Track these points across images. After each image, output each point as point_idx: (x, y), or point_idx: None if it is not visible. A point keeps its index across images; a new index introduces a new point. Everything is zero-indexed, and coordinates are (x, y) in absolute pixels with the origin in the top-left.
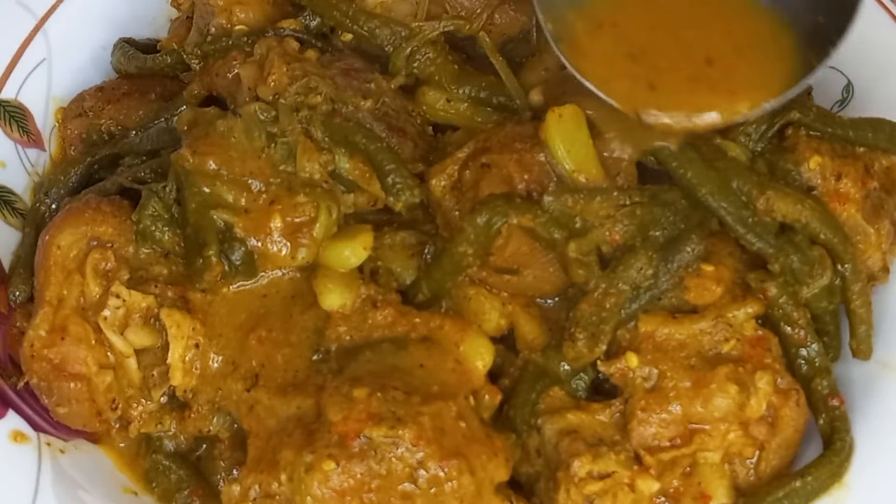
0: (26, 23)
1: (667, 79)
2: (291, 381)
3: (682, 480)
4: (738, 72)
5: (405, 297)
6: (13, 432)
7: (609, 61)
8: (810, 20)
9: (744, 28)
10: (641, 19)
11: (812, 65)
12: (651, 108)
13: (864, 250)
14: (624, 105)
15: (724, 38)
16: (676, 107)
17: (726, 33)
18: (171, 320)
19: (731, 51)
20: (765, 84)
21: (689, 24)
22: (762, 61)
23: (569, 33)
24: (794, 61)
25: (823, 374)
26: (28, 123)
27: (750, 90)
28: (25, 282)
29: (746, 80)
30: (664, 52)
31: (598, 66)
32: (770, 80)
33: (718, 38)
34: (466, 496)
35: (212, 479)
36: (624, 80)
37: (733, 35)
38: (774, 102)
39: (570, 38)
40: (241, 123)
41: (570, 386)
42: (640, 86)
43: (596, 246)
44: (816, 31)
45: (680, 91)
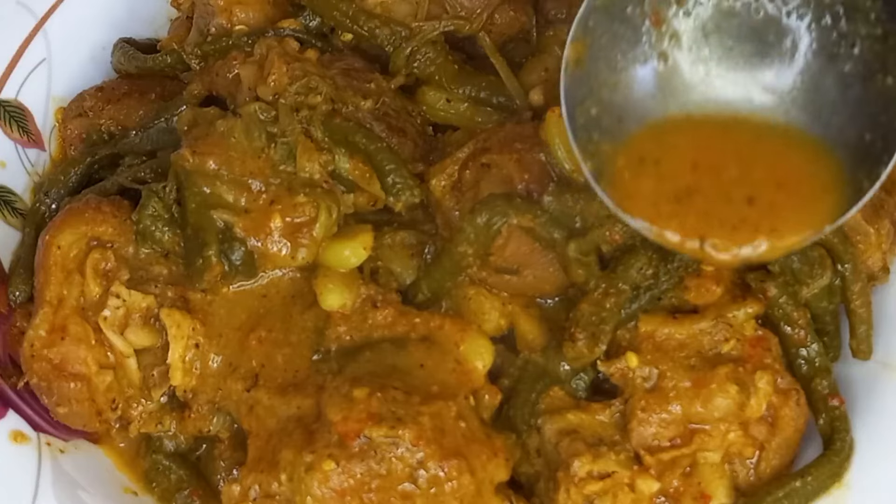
0: (26, 23)
1: (713, 226)
2: (291, 381)
3: (682, 480)
4: (780, 210)
5: (405, 297)
6: (13, 432)
7: (654, 202)
8: (856, 139)
9: (786, 160)
10: (684, 157)
11: (863, 187)
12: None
13: (864, 250)
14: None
15: (765, 173)
16: (725, 248)
17: (768, 168)
18: (171, 320)
19: (772, 188)
20: (809, 219)
21: (730, 161)
22: (805, 195)
23: (609, 170)
24: (840, 189)
25: (823, 374)
26: (28, 123)
27: (793, 227)
28: (25, 282)
29: (789, 218)
30: (708, 195)
31: (645, 207)
32: (814, 213)
33: (760, 174)
34: (466, 496)
35: (212, 479)
36: (671, 223)
37: (775, 169)
38: (824, 231)
39: (611, 176)
40: (241, 123)
41: (570, 386)
42: (688, 234)
43: (596, 246)
44: (865, 151)
45: (726, 237)
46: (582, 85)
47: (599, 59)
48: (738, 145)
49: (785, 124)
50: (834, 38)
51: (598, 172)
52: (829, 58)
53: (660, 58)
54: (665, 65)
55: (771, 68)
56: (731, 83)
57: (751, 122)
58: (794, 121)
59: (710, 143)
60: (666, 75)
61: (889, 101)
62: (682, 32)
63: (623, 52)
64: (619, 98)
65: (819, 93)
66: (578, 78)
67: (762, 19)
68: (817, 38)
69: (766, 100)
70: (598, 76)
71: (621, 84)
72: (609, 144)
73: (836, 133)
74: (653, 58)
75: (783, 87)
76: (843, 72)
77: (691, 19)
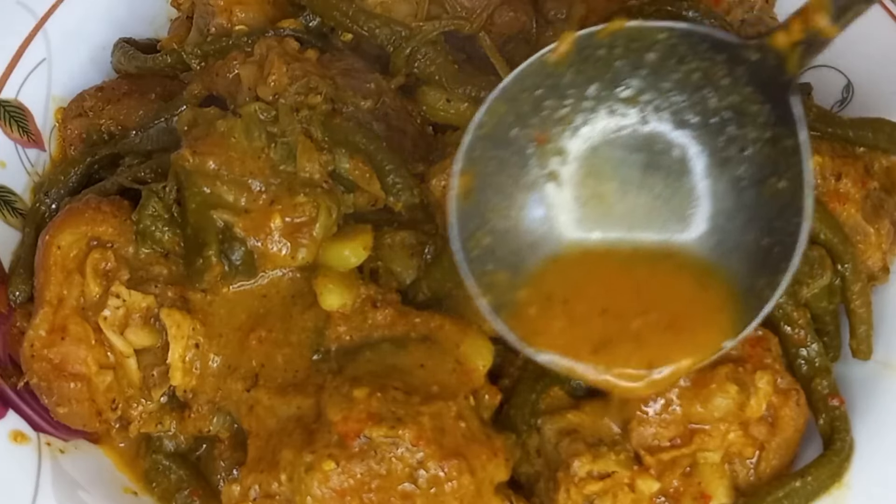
0: (26, 23)
1: (617, 359)
2: (291, 381)
3: (682, 480)
4: (680, 337)
5: (405, 297)
6: (13, 432)
7: (561, 338)
8: (754, 246)
9: (685, 283)
10: (587, 293)
11: (763, 295)
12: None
13: (864, 250)
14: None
15: (665, 300)
16: (632, 379)
17: (668, 294)
18: (171, 320)
19: (672, 315)
20: (709, 340)
21: (630, 291)
22: (703, 317)
23: (510, 300)
24: (742, 301)
25: (823, 374)
26: (28, 123)
27: (694, 350)
28: (25, 282)
29: (689, 344)
30: (610, 330)
31: (551, 342)
32: (714, 333)
33: (660, 302)
34: (466, 496)
35: (212, 479)
36: (578, 357)
37: (674, 295)
38: (725, 347)
39: (514, 307)
40: (241, 123)
41: (570, 386)
42: (596, 366)
43: None
44: (763, 258)
45: (631, 367)
46: (473, 216)
47: (488, 187)
48: (637, 271)
49: (682, 243)
50: (723, 143)
51: (498, 304)
52: (720, 163)
53: (550, 178)
54: (557, 186)
55: (664, 182)
56: (625, 202)
57: (648, 244)
58: (693, 240)
59: (610, 273)
60: (558, 197)
61: (784, 206)
62: (570, 151)
63: (512, 176)
64: (513, 224)
65: (713, 200)
66: (469, 210)
67: (649, 132)
68: (707, 144)
69: (662, 217)
70: (489, 205)
71: (514, 210)
72: (506, 274)
73: (733, 241)
74: (543, 179)
75: (677, 201)
76: (736, 176)
77: (579, 138)
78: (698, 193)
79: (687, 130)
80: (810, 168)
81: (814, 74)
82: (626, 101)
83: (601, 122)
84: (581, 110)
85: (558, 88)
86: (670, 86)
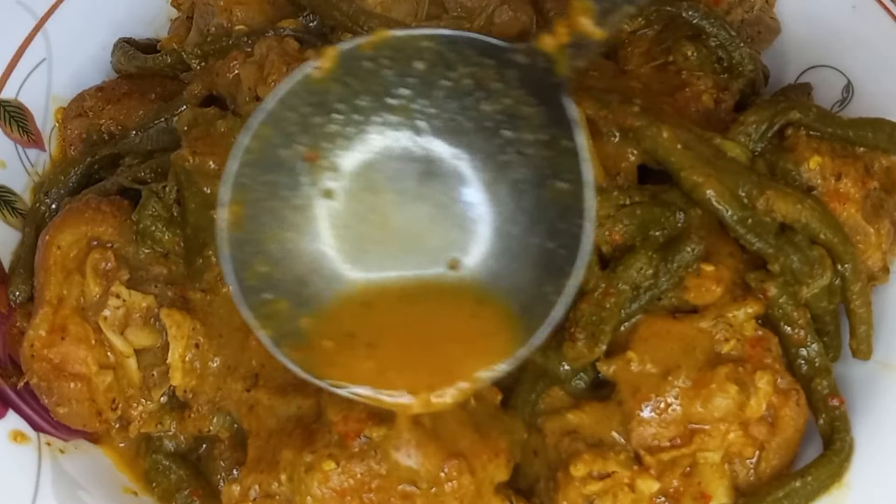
0: (26, 23)
1: (409, 383)
2: (291, 381)
3: (682, 480)
4: (466, 356)
5: None
6: (13, 432)
7: (348, 366)
8: (538, 250)
9: (469, 302)
10: (375, 325)
11: (551, 300)
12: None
13: (864, 250)
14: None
15: (450, 321)
16: (423, 403)
17: (452, 315)
18: (171, 320)
19: (457, 337)
20: (498, 351)
21: (419, 319)
22: (489, 330)
23: (291, 328)
24: (531, 309)
25: (823, 374)
26: (28, 123)
27: (484, 362)
28: (25, 282)
29: (477, 359)
30: (398, 356)
31: (339, 371)
32: (508, 341)
33: (444, 326)
34: (466, 496)
35: (212, 479)
36: (368, 382)
37: (459, 315)
38: (519, 356)
39: (296, 337)
40: (241, 123)
41: (570, 386)
42: (389, 390)
43: (596, 246)
44: (548, 261)
45: (421, 390)
46: (247, 245)
47: (261, 213)
48: (417, 298)
49: (464, 256)
50: (499, 147)
51: (281, 334)
52: (499, 167)
53: (324, 196)
54: (332, 204)
55: (443, 190)
56: (404, 214)
57: (429, 260)
58: (476, 251)
59: (391, 300)
60: (335, 216)
61: (566, 208)
62: (343, 166)
63: (284, 199)
64: (291, 250)
65: (494, 205)
66: (242, 238)
67: (424, 141)
68: (483, 149)
69: (444, 227)
70: (263, 232)
71: (289, 234)
72: (286, 303)
73: (517, 246)
74: (317, 198)
75: (458, 209)
76: (515, 179)
77: (351, 152)
78: (479, 199)
79: (462, 136)
80: (589, 168)
81: (814, 74)
82: (397, 111)
83: (373, 135)
84: (351, 124)
85: (326, 104)
86: (441, 93)
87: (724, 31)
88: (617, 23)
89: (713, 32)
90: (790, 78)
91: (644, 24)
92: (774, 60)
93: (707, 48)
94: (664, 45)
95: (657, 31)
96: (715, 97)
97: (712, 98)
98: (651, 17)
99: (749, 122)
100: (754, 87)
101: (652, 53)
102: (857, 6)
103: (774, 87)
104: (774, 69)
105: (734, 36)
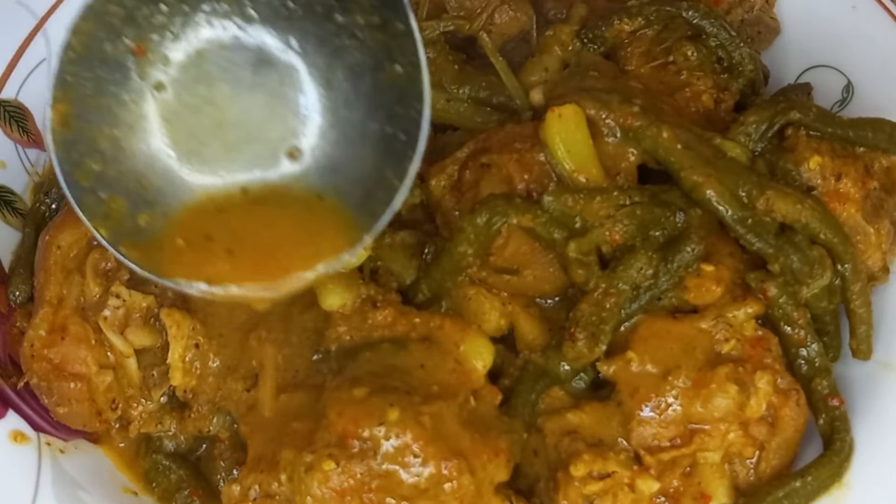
0: (26, 23)
1: (250, 273)
2: (291, 381)
3: (682, 480)
4: (303, 252)
5: (405, 297)
6: (13, 432)
7: (195, 263)
8: (378, 134)
9: (304, 203)
10: (210, 214)
11: (393, 185)
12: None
13: (864, 250)
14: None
15: (289, 213)
16: (269, 289)
17: (292, 205)
18: (171, 320)
19: (297, 228)
20: (344, 237)
21: (256, 212)
22: (330, 221)
23: (130, 226)
24: (375, 192)
25: (823, 374)
26: (28, 123)
27: (331, 249)
28: (25, 282)
29: (314, 255)
30: (240, 253)
31: (184, 268)
32: (348, 230)
33: (283, 218)
34: (466, 496)
35: (212, 479)
36: (211, 277)
37: (298, 206)
38: (365, 241)
39: (135, 233)
40: None
41: (570, 386)
42: (235, 282)
43: (596, 246)
44: (388, 146)
45: (263, 281)
46: (77, 145)
47: (90, 111)
48: (258, 193)
49: (300, 145)
50: (332, 31)
51: (118, 233)
52: (333, 52)
53: (156, 90)
54: (163, 98)
55: (278, 78)
56: (239, 105)
57: (267, 150)
58: (313, 139)
59: (231, 198)
60: (168, 110)
61: (404, 91)
62: (173, 58)
63: (113, 95)
64: (125, 146)
65: (330, 91)
66: (71, 141)
67: (254, 28)
68: (315, 34)
69: (280, 115)
70: (94, 130)
71: (121, 130)
72: (123, 200)
73: (355, 132)
74: (147, 92)
75: (293, 96)
76: (351, 64)
77: (181, 43)
78: (315, 86)
79: (293, 22)
80: (423, 50)
81: (814, 74)
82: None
83: (203, 25)
84: (179, 14)
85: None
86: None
87: (724, 31)
88: None
89: (713, 32)
90: (790, 78)
91: (644, 24)
92: (774, 60)
93: (707, 48)
94: (664, 45)
95: (657, 31)
96: (715, 97)
97: (712, 98)
98: (651, 17)
99: (749, 122)
100: (754, 87)
101: (652, 53)
102: (857, 6)
103: (774, 87)
104: (774, 69)
105: (734, 36)
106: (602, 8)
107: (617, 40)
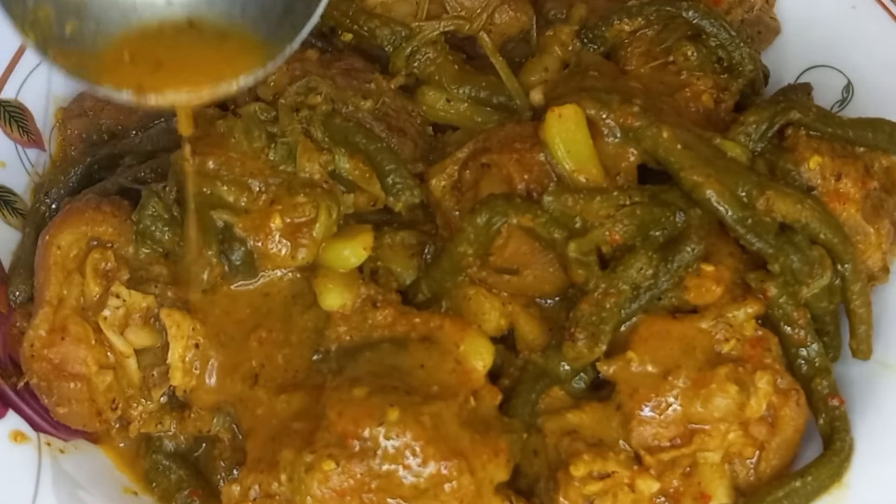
0: None
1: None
2: (291, 381)
3: (682, 480)
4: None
5: (405, 297)
6: (13, 432)
7: (129, 73)
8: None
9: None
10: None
11: (299, 23)
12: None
13: (864, 250)
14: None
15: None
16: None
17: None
18: (171, 320)
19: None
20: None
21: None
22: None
23: (57, 34)
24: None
25: (823, 374)
26: (28, 123)
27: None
28: (25, 282)
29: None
30: (166, 62)
31: (115, 77)
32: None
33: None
34: (466, 496)
35: (212, 479)
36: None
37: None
38: (267, 67)
39: (68, 45)
40: (241, 123)
41: (570, 386)
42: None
43: (596, 246)
44: None
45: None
46: None
47: None
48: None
49: None
50: None
51: (45, 40)
52: None
53: None
54: None
55: None
56: None
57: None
58: None
59: (165, 16)
60: None
61: None
62: None
63: None
64: None
65: None
66: None
67: None
68: None
69: None
70: None
71: None
72: (50, 7)
73: None
74: None
75: None
76: None
77: None
78: None
79: None
80: None
81: (814, 74)
82: None
83: None
84: None
85: None
86: None
87: (724, 31)
88: None
89: (713, 32)
90: (790, 78)
91: (644, 24)
92: (774, 60)
93: (707, 48)
94: (664, 45)
95: (657, 31)
96: (715, 97)
97: (712, 98)
98: (651, 17)
99: (749, 122)
100: (754, 87)
101: (652, 53)
102: (857, 6)
103: (774, 87)
104: (774, 69)
105: (734, 36)
106: (602, 8)
107: (617, 40)
